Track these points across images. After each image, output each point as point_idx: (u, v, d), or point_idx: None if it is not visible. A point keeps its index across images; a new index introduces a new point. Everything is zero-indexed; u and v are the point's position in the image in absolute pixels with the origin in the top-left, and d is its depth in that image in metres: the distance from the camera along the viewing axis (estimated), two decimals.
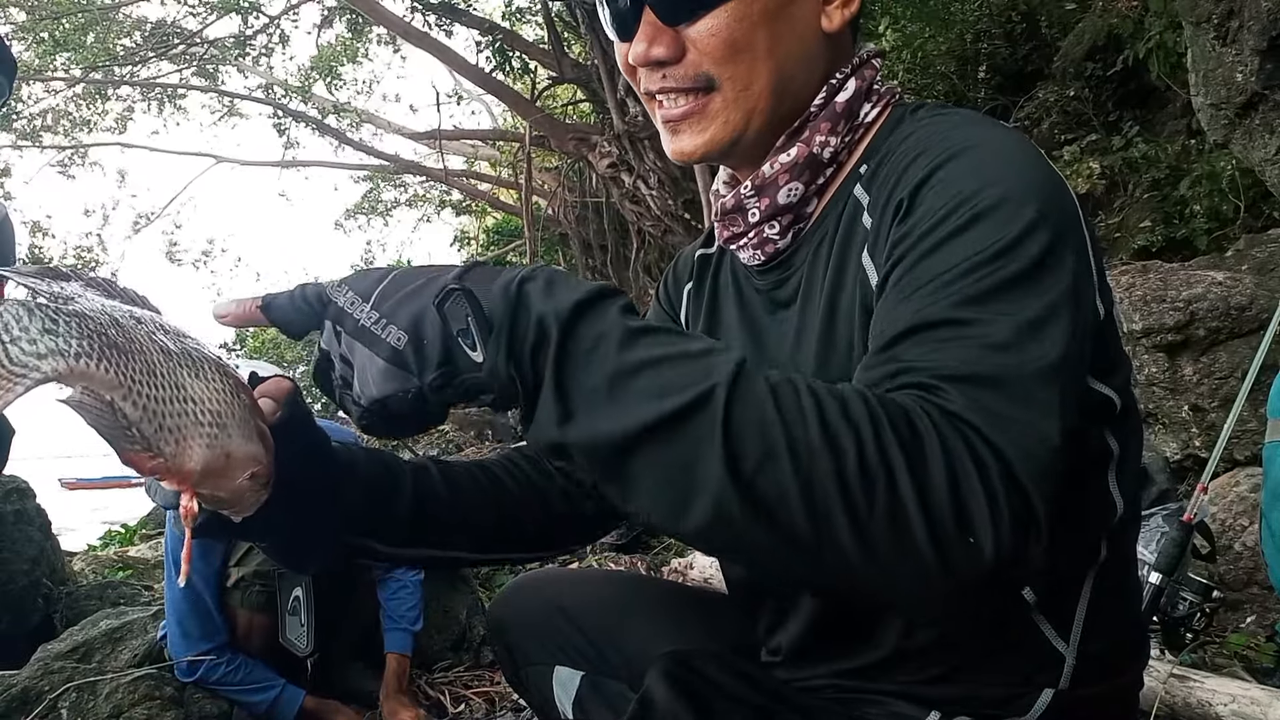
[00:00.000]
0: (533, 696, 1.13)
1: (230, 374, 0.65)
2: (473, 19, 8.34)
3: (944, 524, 0.49)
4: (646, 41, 0.76)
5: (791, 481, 0.50)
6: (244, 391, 0.65)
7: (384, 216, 14.11)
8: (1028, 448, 0.53)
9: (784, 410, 0.51)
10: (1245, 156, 3.59)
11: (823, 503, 0.50)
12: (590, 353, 0.54)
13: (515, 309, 0.55)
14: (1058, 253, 0.62)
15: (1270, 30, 3.25)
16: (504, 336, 0.55)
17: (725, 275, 0.95)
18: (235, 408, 0.63)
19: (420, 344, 0.58)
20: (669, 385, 0.52)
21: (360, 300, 0.61)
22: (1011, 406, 0.54)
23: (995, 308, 0.59)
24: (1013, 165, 0.67)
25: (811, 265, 0.81)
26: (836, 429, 0.51)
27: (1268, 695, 1.65)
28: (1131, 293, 3.05)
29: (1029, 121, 5.88)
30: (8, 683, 2.02)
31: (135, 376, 0.57)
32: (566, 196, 8.78)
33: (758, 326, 0.89)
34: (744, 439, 0.50)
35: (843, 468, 0.50)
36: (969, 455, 0.51)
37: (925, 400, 0.54)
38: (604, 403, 0.53)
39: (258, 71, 11.66)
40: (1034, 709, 0.74)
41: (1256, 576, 2.36)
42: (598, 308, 0.56)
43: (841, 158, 0.80)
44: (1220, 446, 2.10)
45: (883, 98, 0.82)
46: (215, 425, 0.61)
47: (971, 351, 0.57)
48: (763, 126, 0.79)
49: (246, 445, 0.64)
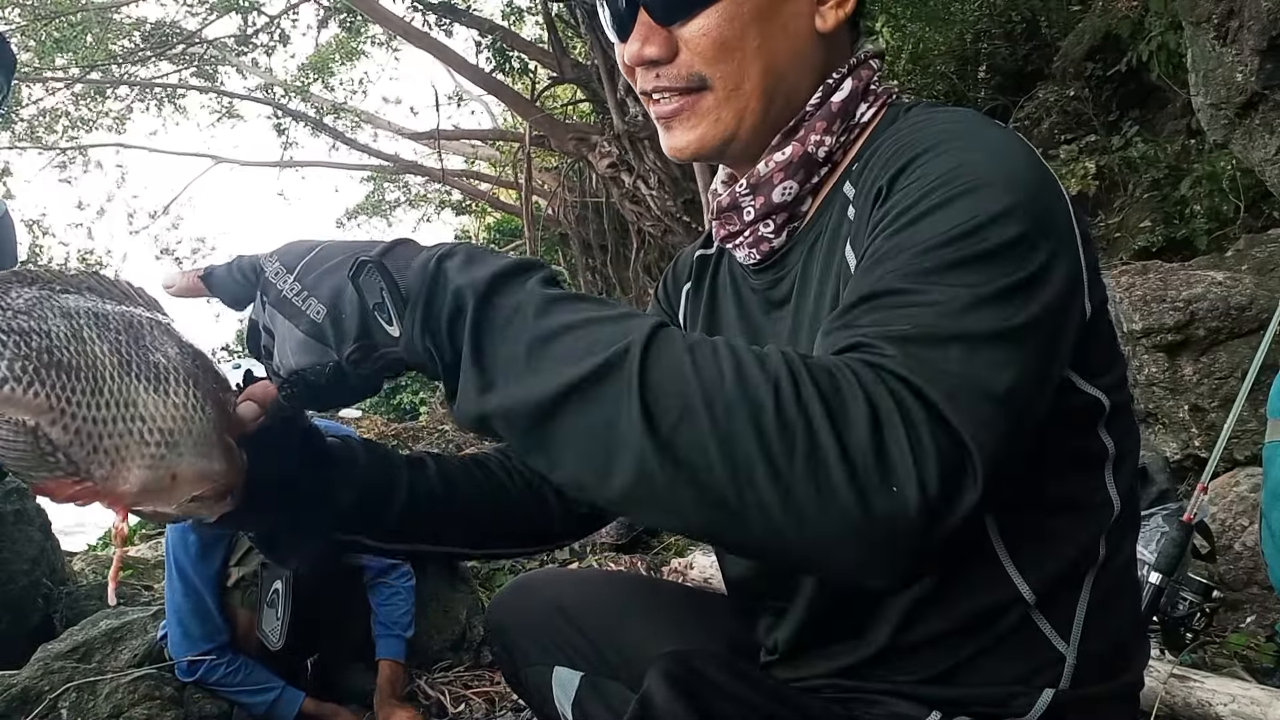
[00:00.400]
0: (532, 697, 1.13)
1: (201, 385, 0.63)
2: (472, 19, 8.33)
3: (865, 472, 0.48)
4: (640, 41, 0.77)
5: (710, 436, 0.49)
6: (212, 405, 0.64)
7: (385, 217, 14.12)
8: (962, 396, 0.52)
9: (700, 367, 0.51)
10: (1245, 156, 3.59)
11: (743, 457, 0.49)
12: (507, 323, 0.54)
13: (432, 283, 0.55)
14: (1030, 240, 0.61)
15: (1270, 30, 3.25)
16: (419, 310, 0.55)
17: (724, 275, 0.96)
18: (195, 424, 0.62)
19: (339, 317, 0.58)
20: (586, 348, 0.52)
21: (285, 271, 0.61)
22: (950, 362, 0.54)
23: (953, 279, 0.58)
24: (995, 156, 0.66)
25: (805, 264, 0.81)
26: (753, 382, 0.50)
27: (1268, 695, 1.65)
28: (1131, 293, 3.05)
29: (1029, 121, 5.88)
30: (8, 683, 2.02)
31: (74, 398, 0.56)
32: (566, 196, 8.78)
33: (755, 326, 0.89)
34: (660, 396, 0.50)
35: (760, 420, 0.49)
36: (893, 402, 0.50)
37: (855, 356, 0.54)
38: (522, 370, 0.53)
39: (257, 72, 11.66)
40: (1034, 709, 0.74)
41: (1256, 576, 2.36)
42: (516, 279, 0.56)
43: (836, 157, 0.81)
44: (1220, 446, 2.10)
45: (879, 97, 0.82)
46: (164, 445, 0.60)
47: (919, 316, 0.56)
48: (755, 125, 0.79)
49: (199, 463, 0.62)
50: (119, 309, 0.63)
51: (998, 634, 0.75)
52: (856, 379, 0.51)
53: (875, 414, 0.50)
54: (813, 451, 0.49)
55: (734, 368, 0.51)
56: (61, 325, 0.57)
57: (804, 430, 0.49)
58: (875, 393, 0.51)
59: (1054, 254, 0.63)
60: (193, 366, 0.64)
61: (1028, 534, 0.73)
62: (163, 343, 0.63)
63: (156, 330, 0.64)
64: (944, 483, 0.49)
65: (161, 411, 0.60)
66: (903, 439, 0.49)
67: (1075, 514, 0.75)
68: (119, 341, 0.60)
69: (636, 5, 0.77)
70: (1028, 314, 0.58)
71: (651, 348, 0.52)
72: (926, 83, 6.72)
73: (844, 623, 0.81)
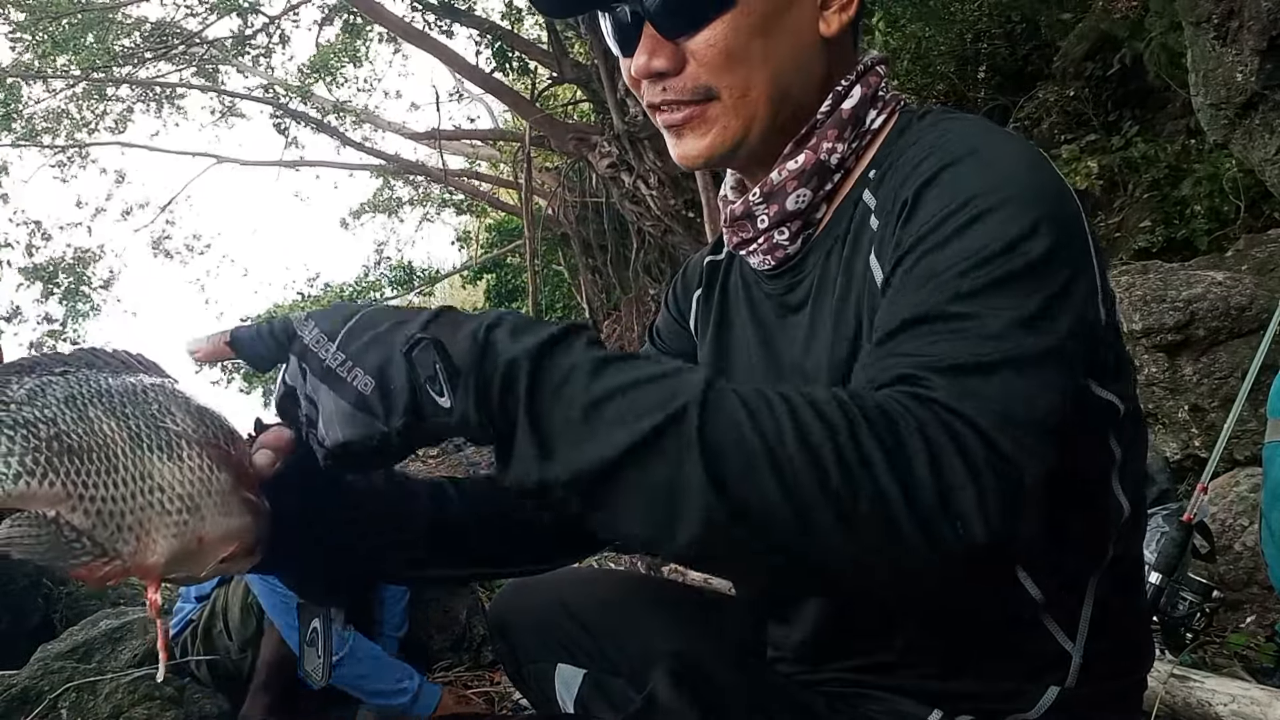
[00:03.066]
0: (534, 694, 1.13)
1: (213, 446, 0.63)
2: (472, 19, 8.33)
3: (930, 511, 0.50)
4: (647, 55, 0.77)
5: (775, 490, 0.50)
6: (226, 466, 0.63)
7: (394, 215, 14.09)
8: (1011, 425, 0.54)
9: (758, 419, 0.52)
10: (1245, 156, 3.59)
11: (809, 508, 0.50)
12: (560, 388, 0.54)
13: (482, 354, 0.55)
14: (1058, 255, 0.63)
15: (1270, 30, 3.25)
16: (472, 382, 0.55)
17: (735, 280, 0.96)
18: (212, 485, 0.62)
19: (387, 390, 0.57)
20: (643, 409, 0.52)
21: (326, 340, 0.60)
22: (996, 387, 0.56)
23: (991, 302, 0.60)
24: (1017, 170, 0.67)
25: (822, 270, 0.81)
26: (813, 433, 0.51)
27: (1268, 695, 1.65)
28: (1131, 293, 3.05)
29: (1029, 121, 5.88)
30: (8, 683, 2.02)
31: (89, 480, 0.56)
32: (566, 196, 8.78)
33: (768, 331, 0.89)
34: (722, 453, 0.51)
35: (823, 471, 0.50)
36: (948, 437, 0.52)
37: (905, 391, 0.55)
38: (580, 434, 0.53)
39: (257, 72, 11.65)
40: (1039, 705, 0.74)
41: (1256, 576, 2.36)
42: (564, 344, 0.56)
43: (849, 164, 0.81)
44: (1220, 446, 2.10)
45: (888, 104, 0.82)
46: (186, 510, 0.60)
47: (962, 343, 0.58)
48: (764, 131, 0.79)
49: (223, 522, 0.62)
50: (120, 381, 0.62)
51: (1005, 633, 0.75)
52: (912, 417, 0.52)
53: (934, 454, 0.51)
54: (878, 497, 0.50)
55: (791, 420, 0.52)
56: (66, 409, 0.57)
57: (868, 478, 0.50)
58: (931, 431, 0.52)
59: (1078, 265, 0.65)
60: (202, 427, 0.64)
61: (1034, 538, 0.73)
62: (169, 408, 0.63)
63: (161, 396, 0.63)
64: (1004, 513, 0.51)
65: (179, 478, 0.60)
66: (963, 476, 0.51)
67: (1085, 517, 0.75)
68: (126, 415, 0.60)
69: (641, 19, 0.77)
70: (1064, 329, 0.61)
71: (709, 404, 0.52)
72: (926, 83, 6.72)
73: (854, 624, 0.81)
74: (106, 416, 0.59)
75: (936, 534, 0.50)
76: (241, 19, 10.30)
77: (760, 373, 0.89)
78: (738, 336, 0.94)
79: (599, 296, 9.11)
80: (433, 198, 13.66)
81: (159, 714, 2.03)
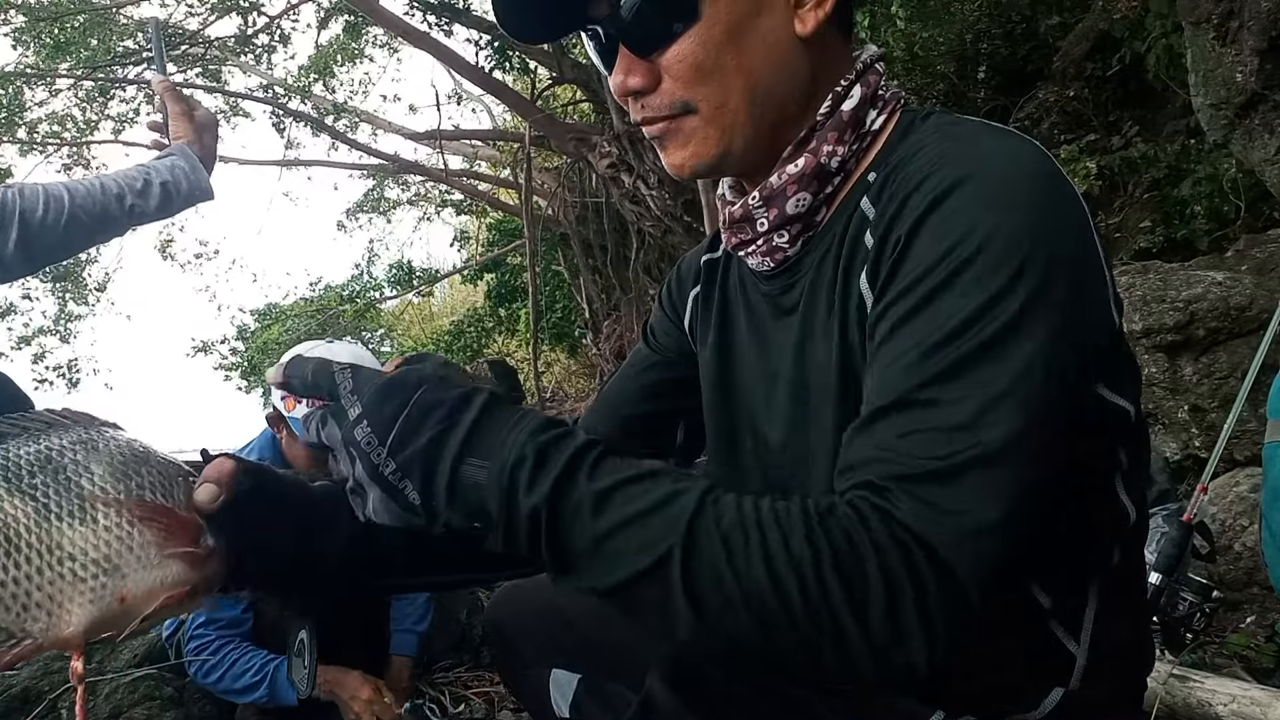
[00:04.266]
0: (530, 699, 1.13)
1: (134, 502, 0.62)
2: (472, 19, 8.32)
3: (882, 642, 0.57)
4: (623, 74, 0.78)
5: (746, 621, 0.58)
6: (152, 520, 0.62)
7: (386, 215, 14.09)
8: (967, 542, 0.59)
9: (733, 558, 0.59)
10: (1245, 157, 3.59)
11: (777, 635, 0.58)
12: (572, 525, 0.62)
13: (509, 500, 0.62)
14: (1038, 303, 0.63)
15: (1270, 30, 3.25)
16: (502, 527, 0.63)
17: (734, 279, 0.96)
18: (132, 542, 0.61)
19: (432, 510, 0.65)
20: (637, 546, 0.60)
21: (378, 444, 0.65)
22: (955, 502, 0.60)
23: (958, 385, 0.62)
24: (1009, 198, 0.66)
25: (816, 274, 0.81)
26: (780, 572, 0.58)
27: (1268, 695, 1.65)
28: (1131, 293, 3.05)
29: (1029, 121, 5.88)
30: (8, 683, 2.02)
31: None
32: (566, 196, 8.77)
33: (764, 332, 0.89)
34: (703, 593, 0.59)
35: (790, 608, 0.58)
36: (904, 568, 0.58)
37: (871, 506, 0.61)
38: (589, 563, 0.62)
39: (258, 72, 11.65)
40: (1042, 706, 0.74)
41: (1256, 576, 2.36)
42: (572, 480, 0.62)
43: (850, 166, 0.80)
44: (1220, 446, 2.10)
45: (889, 104, 0.81)
46: (103, 574, 0.59)
47: (926, 442, 0.62)
48: (748, 139, 0.79)
49: (148, 577, 0.61)
50: (31, 449, 0.61)
51: (1011, 636, 0.75)
52: (873, 547, 0.58)
53: (889, 585, 0.57)
54: (837, 632, 0.57)
55: (762, 555, 0.59)
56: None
57: (828, 614, 0.57)
58: (888, 559, 0.58)
59: (1068, 299, 0.65)
60: (125, 481, 0.63)
61: (1044, 546, 0.73)
62: (87, 467, 0.61)
63: (80, 453, 0.62)
64: (949, 632, 0.58)
65: (92, 542, 0.59)
66: (912, 608, 0.57)
67: (1090, 523, 0.75)
68: (33, 487, 0.59)
69: (615, 40, 0.78)
70: (1028, 408, 0.61)
71: (691, 547, 0.59)
72: (926, 82, 6.71)
73: None
74: (9, 495, 0.57)
75: (887, 660, 0.57)
76: (242, 18, 10.30)
77: (757, 374, 0.89)
78: (737, 339, 0.94)
79: (599, 296, 9.10)
80: (432, 198, 13.66)
81: (159, 714, 2.03)
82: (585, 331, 9.99)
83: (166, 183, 1.65)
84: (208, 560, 0.65)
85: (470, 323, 12.57)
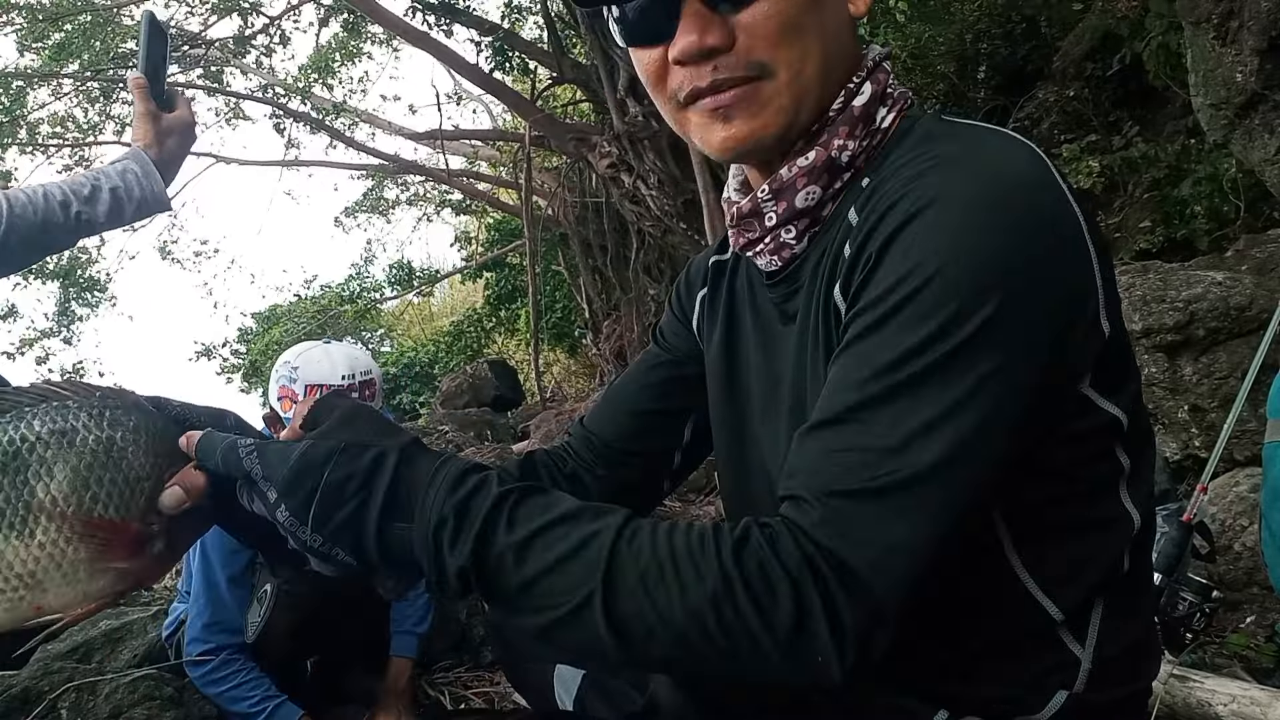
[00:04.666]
0: (533, 695, 1.13)
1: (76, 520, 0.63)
2: (472, 19, 8.32)
3: (795, 654, 0.60)
4: (697, 33, 0.73)
5: (671, 649, 0.62)
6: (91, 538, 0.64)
7: (385, 215, 14.10)
8: (881, 562, 0.60)
9: (650, 594, 0.62)
10: (1245, 157, 3.59)
11: (700, 659, 0.62)
12: (495, 576, 0.66)
13: (437, 562, 0.66)
14: (987, 335, 0.62)
15: (1270, 30, 3.25)
16: (435, 582, 0.67)
17: (741, 282, 0.95)
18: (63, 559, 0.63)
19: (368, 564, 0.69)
20: (561, 590, 0.64)
21: (299, 524, 0.68)
22: (872, 520, 0.61)
23: (892, 410, 0.63)
24: (979, 222, 0.65)
25: (811, 283, 0.80)
26: (695, 603, 0.61)
27: (1268, 695, 1.65)
28: (1131, 293, 3.05)
29: (1029, 121, 5.88)
30: (8, 683, 2.01)
31: None
32: (566, 196, 8.77)
33: (770, 337, 0.89)
34: (625, 628, 0.62)
35: (708, 634, 0.61)
36: (813, 586, 0.60)
37: (791, 528, 0.63)
38: (517, 610, 0.66)
39: (259, 72, 11.65)
40: (1046, 709, 0.74)
41: (1256, 576, 2.36)
42: (491, 538, 0.66)
43: (859, 162, 0.79)
44: (1220, 446, 2.10)
45: (897, 102, 0.81)
46: (24, 588, 0.61)
47: (852, 460, 0.63)
48: (810, 112, 0.78)
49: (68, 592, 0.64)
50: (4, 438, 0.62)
51: (1017, 641, 0.75)
52: (782, 568, 0.61)
53: (799, 603, 0.60)
54: (754, 650, 0.61)
55: (679, 591, 0.62)
56: None
57: (745, 637, 0.60)
58: (799, 578, 0.60)
59: (1035, 318, 0.64)
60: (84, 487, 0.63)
61: (1050, 556, 0.73)
62: (50, 467, 0.62)
63: (50, 449, 0.63)
64: (860, 646, 0.60)
65: (22, 557, 0.61)
66: (823, 624, 0.59)
67: (1096, 531, 0.75)
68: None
69: None
70: (958, 439, 0.62)
71: (609, 586, 0.63)
72: (926, 82, 6.71)
73: None
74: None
75: (803, 670, 0.61)
76: (242, 19, 10.30)
77: (761, 377, 0.90)
78: (743, 339, 0.93)
79: (599, 297, 9.11)
80: (431, 198, 13.66)
81: (159, 714, 2.03)
82: (585, 331, 9.99)
83: (117, 189, 1.51)
84: (149, 567, 0.67)
85: (470, 323, 12.58)
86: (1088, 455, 0.73)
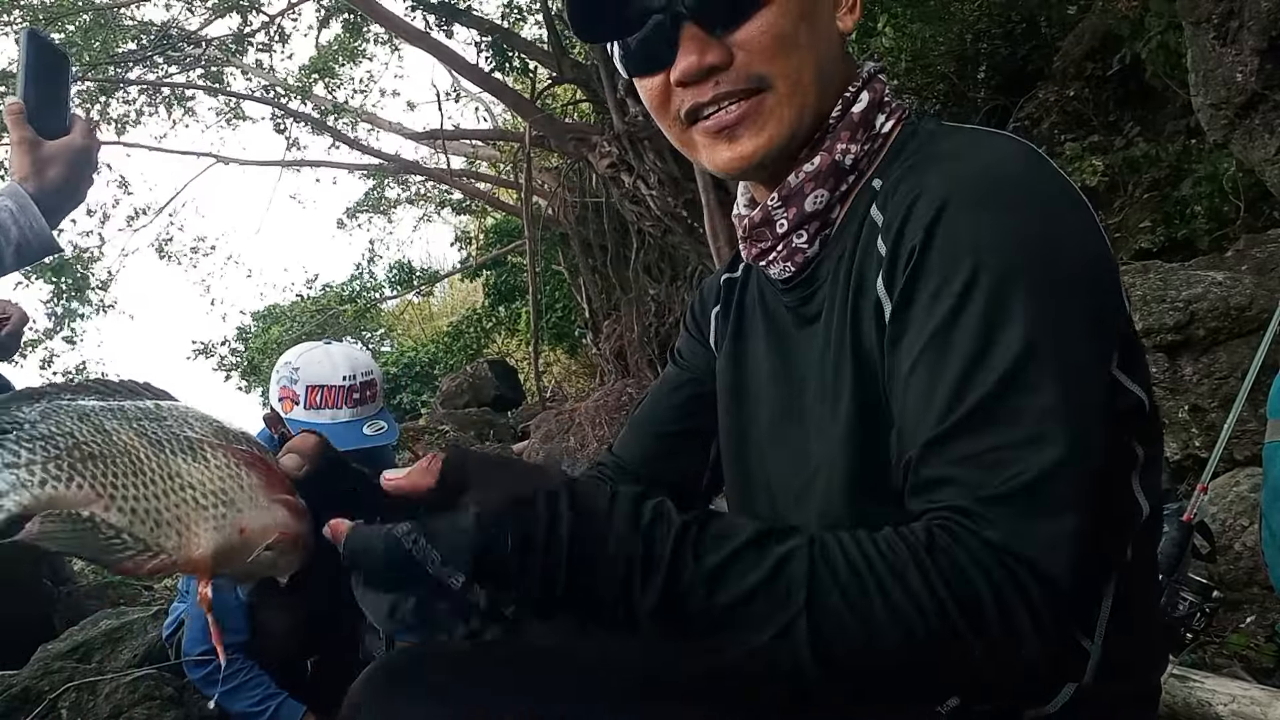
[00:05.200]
0: None
1: (234, 451, 0.67)
2: (472, 19, 8.32)
3: (1004, 651, 0.61)
4: (696, 54, 0.77)
5: (876, 663, 0.62)
6: (254, 467, 0.67)
7: (386, 215, 14.10)
8: (1058, 549, 0.62)
9: (856, 611, 0.62)
10: (1245, 156, 3.59)
11: (906, 668, 0.63)
12: (686, 604, 0.63)
13: (628, 603, 0.64)
14: (1048, 318, 0.66)
15: (1270, 30, 3.26)
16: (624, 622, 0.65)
17: (752, 293, 0.97)
18: (242, 481, 0.65)
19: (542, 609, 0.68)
20: (759, 619, 0.63)
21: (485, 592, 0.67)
22: (1038, 514, 0.63)
23: (1007, 406, 0.65)
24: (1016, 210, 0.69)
25: (833, 282, 0.82)
26: (905, 612, 0.61)
27: (1268, 695, 1.65)
28: (1131, 292, 3.05)
29: (1029, 121, 5.88)
30: (8, 683, 2.02)
31: (116, 480, 0.59)
32: (566, 196, 8.77)
33: (786, 341, 0.90)
34: (830, 648, 0.62)
35: (914, 642, 0.61)
36: (1012, 587, 0.61)
37: (968, 534, 0.63)
38: (709, 640, 0.64)
39: (260, 72, 11.65)
40: (1055, 700, 0.74)
41: (1256, 576, 2.36)
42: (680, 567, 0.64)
43: (862, 165, 0.82)
44: (1220, 446, 2.11)
45: (895, 111, 0.84)
46: (221, 504, 0.63)
47: (996, 463, 0.64)
48: (809, 121, 0.81)
49: (261, 515, 0.65)
50: (131, 403, 0.66)
51: None
52: (977, 568, 0.61)
53: (1003, 606, 0.61)
54: (963, 652, 0.61)
55: (885, 605, 0.61)
56: (81, 424, 0.60)
57: (954, 639, 0.61)
58: (998, 580, 0.61)
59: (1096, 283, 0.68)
60: (224, 433, 0.68)
61: None
62: (186, 420, 0.67)
63: (175, 412, 0.67)
64: (1056, 627, 0.62)
65: (206, 475, 0.63)
66: (1025, 616, 0.61)
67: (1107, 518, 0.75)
68: (142, 427, 0.63)
69: (679, 24, 0.77)
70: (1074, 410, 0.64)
71: (814, 610, 0.62)
72: (927, 82, 6.72)
73: None
74: (124, 429, 0.62)
75: (1010, 666, 0.63)
76: (242, 17, 10.30)
77: (775, 381, 0.90)
78: (752, 347, 0.95)
79: (599, 296, 9.10)
80: (432, 197, 13.67)
81: (159, 714, 2.04)
82: (585, 331, 9.99)
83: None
84: (304, 515, 0.68)
85: (470, 323, 12.58)
86: (1115, 439, 0.73)
